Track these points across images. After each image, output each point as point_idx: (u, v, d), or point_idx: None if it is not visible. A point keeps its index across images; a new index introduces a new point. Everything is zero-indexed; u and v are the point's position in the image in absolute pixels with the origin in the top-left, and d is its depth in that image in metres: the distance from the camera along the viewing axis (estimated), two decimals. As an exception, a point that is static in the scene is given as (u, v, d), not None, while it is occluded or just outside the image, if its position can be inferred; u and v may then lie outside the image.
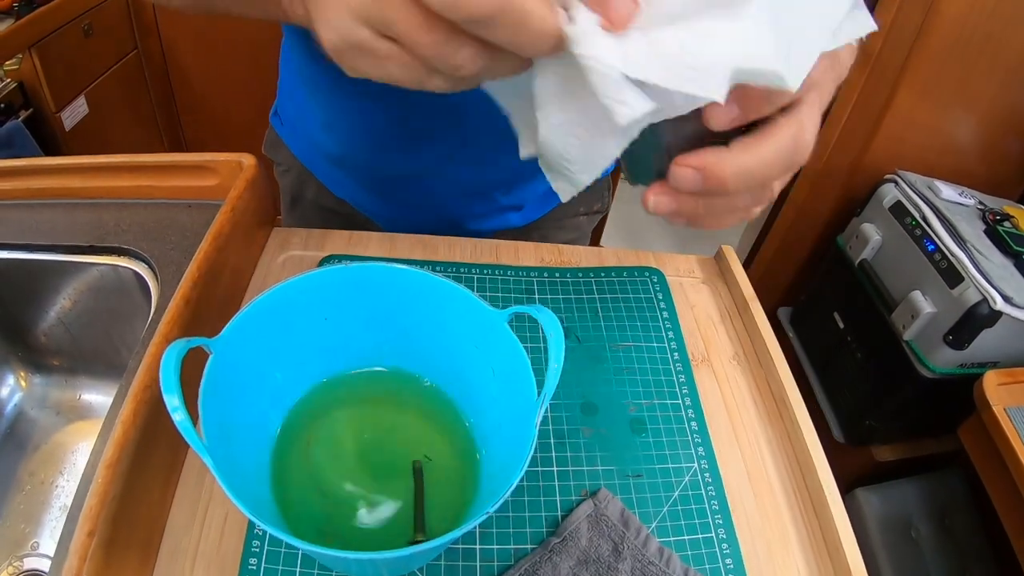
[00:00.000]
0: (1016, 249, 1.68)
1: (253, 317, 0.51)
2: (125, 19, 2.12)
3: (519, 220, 0.95)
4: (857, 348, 1.93)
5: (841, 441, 1.96)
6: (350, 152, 0.85)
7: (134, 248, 0.71)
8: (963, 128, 2.03)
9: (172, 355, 0.42)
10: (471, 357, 0.55)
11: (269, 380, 0.54)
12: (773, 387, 0.73)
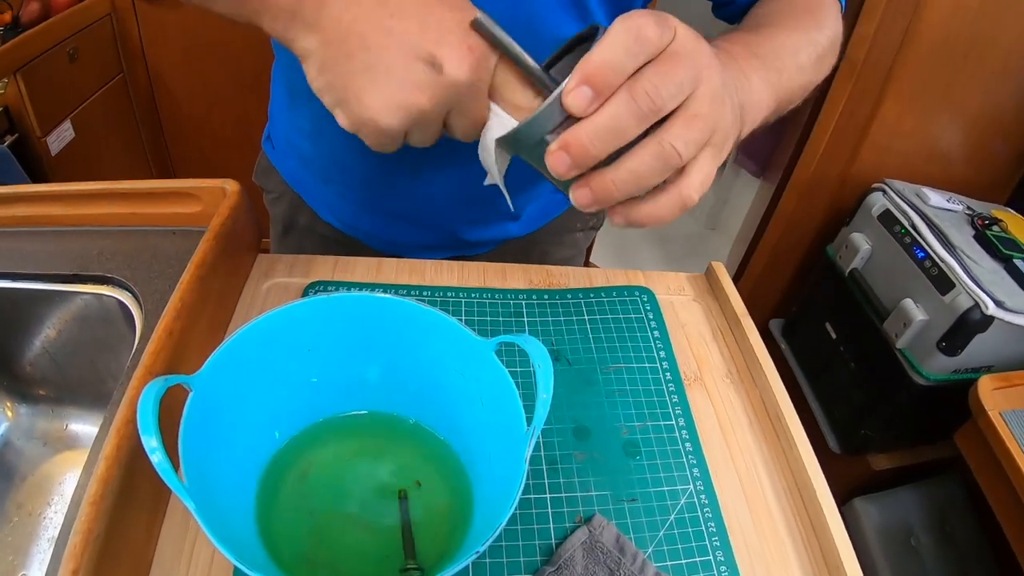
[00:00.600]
0: (1006, 253, 1.69)
1: (233, 352, 0.50)
2: (111, 43, 2.12)
3: (518, 230, 0.94)
4: (850, 358, 1.93)
5: (837, 451, 1.96)
6: (339, 162, 0.84)
7: (118, 277, 0.70)
8: (950, 134, 2.04)
9: (150, 395, 0.41)
10: (459, 387, 0.54)
11: (252, 416, 0.53)
12: (767, 404, 0.72)
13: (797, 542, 0.61)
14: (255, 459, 0.54)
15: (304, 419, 0.58)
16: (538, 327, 0.74)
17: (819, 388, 2.08)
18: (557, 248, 1.00)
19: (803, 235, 2.22)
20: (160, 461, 0.39)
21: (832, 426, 2.00)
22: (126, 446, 0.48)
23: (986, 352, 1.62)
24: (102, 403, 0.78)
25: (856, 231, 1.92)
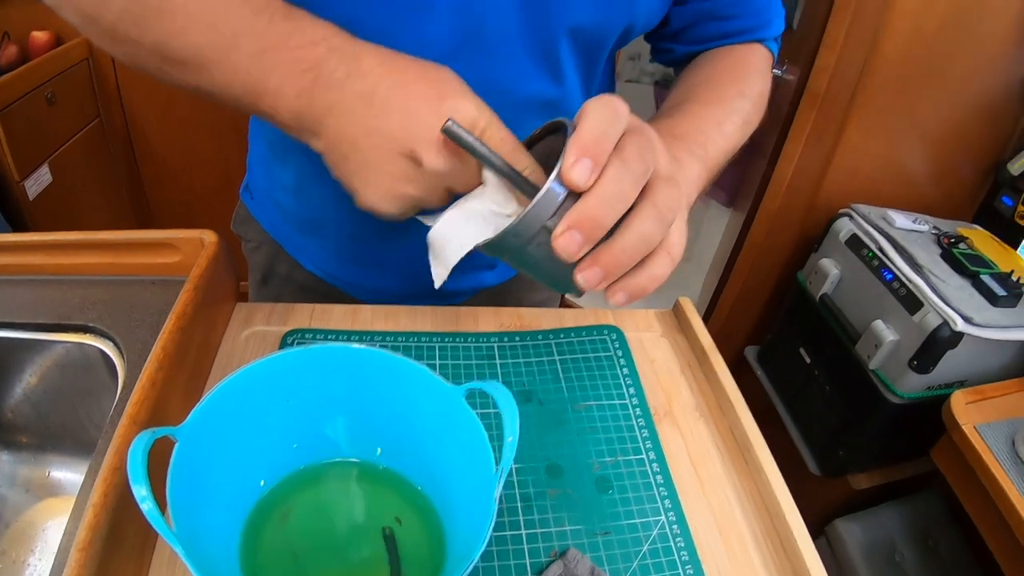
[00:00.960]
0: (973, 269, 1.72)
1: (215, 404, 0.52)
2: (88, 87, 2.13)
3: (493, 279, 0.96)
4: (825, 381, 1.95)
5: (817, 473, 1.97)
6: (320, 215, 0.86)
7: (99, 326, 0.72)
8: (914, 156, 2.08)
9: (139, 446, 0.43)
10: (432, 431, 0.56)
11: (235, 464, 0.55)
12: (737, 434, 0.74)
13: (769, 566, 0.63)
14: (239, 505, 0.56)
15: (285, 466, 0.59)
16: (510, 369, 0.76)
17: (796, 412, 2.10)
18: (531, 294, 1.03)
19: (774, 263, 2.25)
20: (150, 509, 0.41)
21: (811, 449, 2.01)
22: (113, 493, 0.49)
23: (959, 367, 1.64)
24: (84, 450, 0.79)
25: (825, 256, 1.96)
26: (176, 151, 2.32)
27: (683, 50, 0.87)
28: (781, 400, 2.16)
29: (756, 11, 0.84)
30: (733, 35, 0.84)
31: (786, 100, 2.02)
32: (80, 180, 2.13)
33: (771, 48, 0.88)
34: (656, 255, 0.52)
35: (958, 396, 1.51)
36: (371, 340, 0.77)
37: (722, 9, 0.82)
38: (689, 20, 0.84)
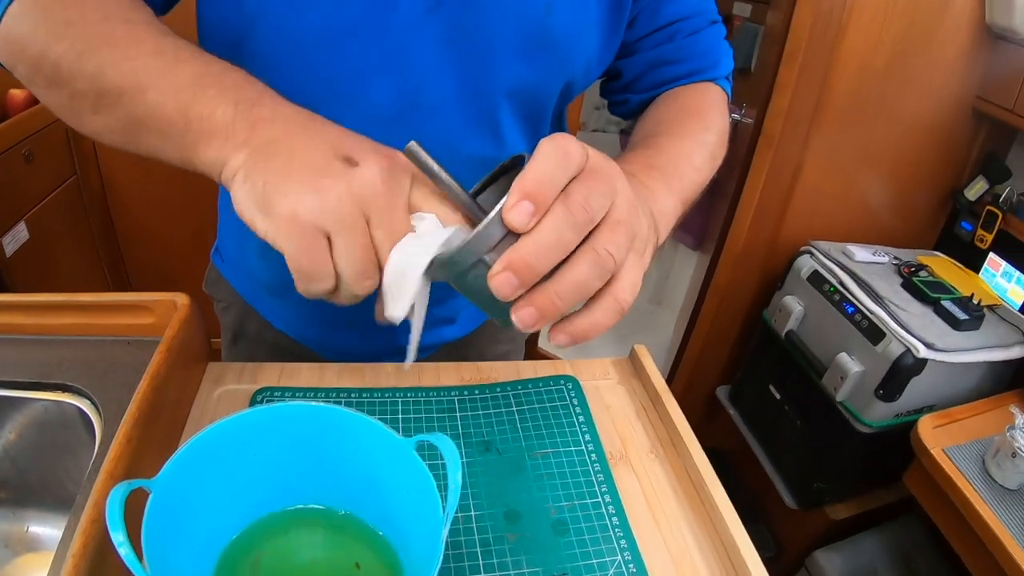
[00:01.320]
0: (933, 296, 1.77)
1: (187, 458, 0.55)
2: (65, 146, 2.15)
3: (453, 333, 0.99)
4: (795, 415, 1.99)
5: (794, 507, 2.00)
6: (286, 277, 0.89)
7: (76, 385, 0.74)
8: (872, 190, 2.13)
9: (116, 497, 0.46)
10: (388, 480, 0.59)
11: (206, 514, 0.58)
12: (691, 474, 0.77)
13: (724, 599, 0.65)
14: (210, 552, 0.58)
15: (252, 514, 0.62)
16: (469, 421, 0.79)
17: (769, 448, 2.13)
18: (493, 346, 1.06)
19: (740, 302, 2.29)
20: (127, 554, 0.44)
21: (786, 483, 2.04)
22: (92, 544, 0.52)
23: (925, 393, 1.68)
24: (62, 505, 0.81)
25: (788, 294, 2.01)
26: (151, 210, 2.35)
27: (638, 99, 0.91)
28: (754, 437, 2.19)
29: (703, 53, 0.88)
30: (684, 77, 0.88)
31: (745, 142, 2.07)
32: (57, 237, 2.15)
33: (723, 86, 0.92)
34: (601, 300, 0.53)
35: (925, 421, 1.55)
36: (336, 397, 0.80)
37: (671, 54, 0.87)
38: (640, 69, 0.88)
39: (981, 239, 2.04)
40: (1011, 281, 1.97)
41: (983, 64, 2.00)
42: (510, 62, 0.74)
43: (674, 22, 0.86)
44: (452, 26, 0.70)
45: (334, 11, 0.67)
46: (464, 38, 0.71)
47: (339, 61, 0.70)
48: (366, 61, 0.70)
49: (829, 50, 1.84)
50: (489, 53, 0.73)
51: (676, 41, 0.86)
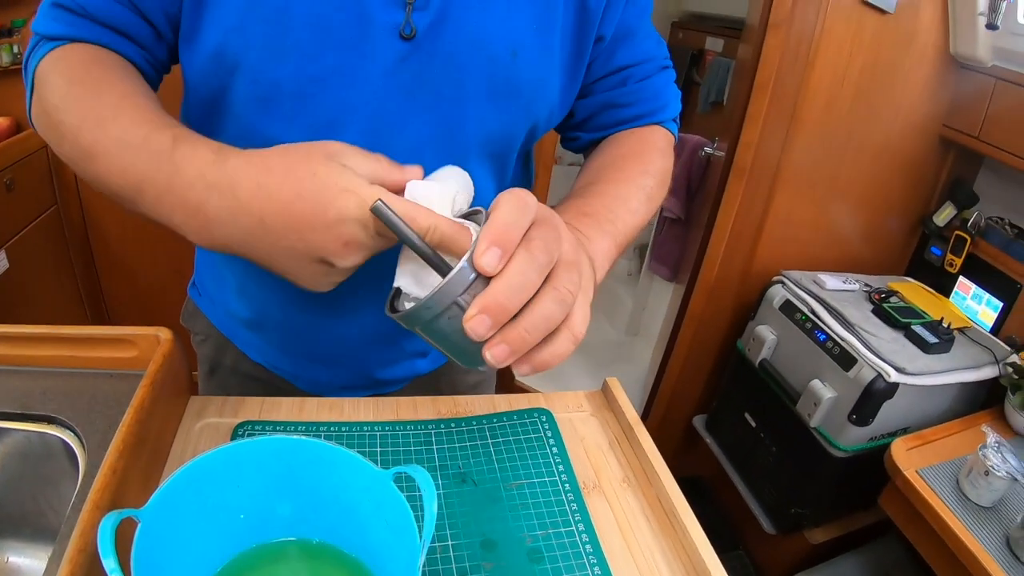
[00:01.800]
0: (903, 321, 1.81)
1: (174, 489, 0.57)
2: (46, 175, 2.15)
3: (426, 366, 1.01)
4: (771, 442, 2.01)
5: (772, 532, 2.02)
6: (263, 314, 0.91)
7: (60, 416, 0.75)
8: (843, 219, 2.18)
9: (107, 525, 0.48)
10: (366, 510, 0.61)
11: (191, 545, 0.59)
12: (663, 502, 0.79)
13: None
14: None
15: (236, 545, 0.64)
16: (446, 453, 0.81)
17: (746, 475, 2.15)
18: (465, 376, 1.08)
19: (714, 332, 2.32)
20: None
21: (764, 509, 2.06)
22: (80, 572, 0.53)
23: (898, 416, 1.71)
24: (43, 536, 0.81)
25: (761, 323, 2.04)
26: (131, 242, 2.35)
27: (588, 137, 0.96)
28: (731, 464, 2.21)
29: (652, 97, 0.93)
30: (633, 120, 0.93)
31: (717, 174, 2.11)
32: (36, 266, 2.14)
33: (670, 128, 0.96)
34: (559, 334, 0.56)
35: (899, 444, 1.58)
36: (316, 431, 0.82)
37: (622, 98, 0.91)
38: (592, 110, 0.92)
39: (951, 263, 2.09)
40: (981, 303, 2.02)
41: (949, 93, 2.07)
42: (478, 108, 0.77)
43: (627, 67, 0.90)
44: (422, 74, 0.74)
45: (307, 62, 0.70)
46: (434, 86, 0.75)
47: (313, 110, 0.73)
48: (340, 109, 0.73)
49: (798, 82, 1.89)
50: (458, 100, 0.76)
51: (628, 86, 0.91)
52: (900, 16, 1.89)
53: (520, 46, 0.76)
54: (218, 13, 0.69)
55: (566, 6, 0.79)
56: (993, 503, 1.46)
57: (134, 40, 0.73)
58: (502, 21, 0.74)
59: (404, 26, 0.71)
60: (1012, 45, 1.88)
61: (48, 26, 0.71)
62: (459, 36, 0.73)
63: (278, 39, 0.69)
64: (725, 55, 3.35)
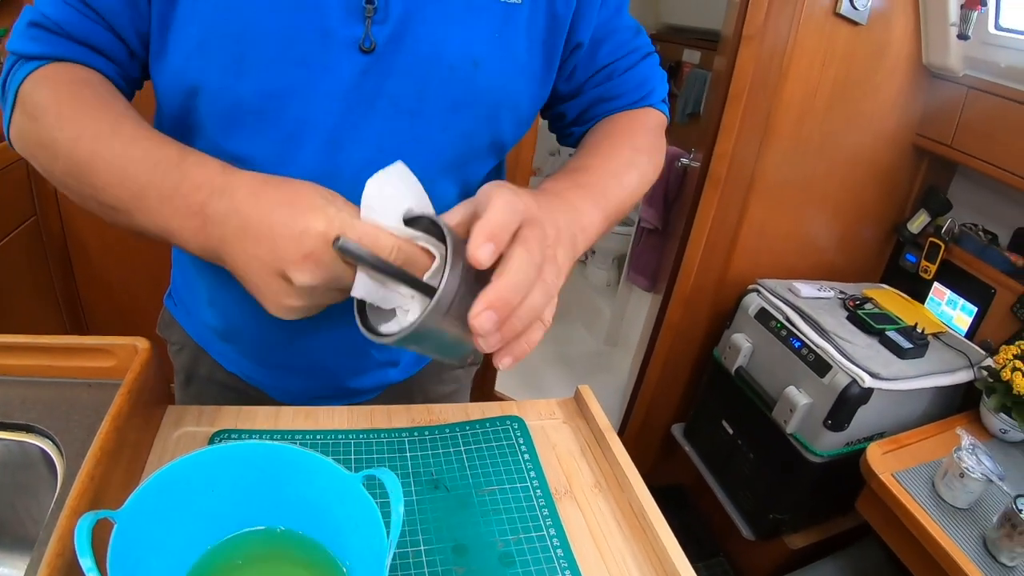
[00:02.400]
0: (878, 327, 1.83)
1: (150, 491, 0.58)
2: (26, 186, 2.13)
3: (398, 375, 1.02)
4: (748, 449, 2.03)
5: (752, 539, 2.03)
6: (233, 326, 0.92)
7: (39, 425, 0.76)
8: (817, 228, 2.20)
9: (84, 525, 0.50)
10: (338, 511, 0.63)
11: (166, 547, 0.61)
12: (634, 507, 0.81)
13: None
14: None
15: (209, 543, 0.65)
16: (419, 460, 0.83)
17: (725, 482, 2.17)
18: (438, 386, 1.08)
19: (691, 341, 2.34)
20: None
21: (743, 515, 2.08)
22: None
23: (873, 421, 1.73)
24: (21, 545, 0.82)
25: (737, 332, 2.06)
26: (110, 253, 2.33)
27: (582, 130, 0.97)
28: (710, 472, 2.23)
29: (639, 85, 0.95)
30: (623, 108, 0.95)
31: (693, 186, 2.13)
32: (15, 277, 2.12)
33: (661, 109, 0.98)
34: (533, 324, 0.60)
35: (874, 448, 1.60)
36: (292, 439, 0.83)
37: (610, 92, 0.93)
38: (582, 108, 0.95)
39: (925, 270, 2.13)
40: (956, 308, 2.05)
41: (921, 102, 2.10)
42: (440, 119, 0.79)
43: (610, 63, 0.92)
44: (383, 87, 0.75)
45: (267, 79, 0.72)
46: (395, 98, 0.76)
47: (275, 125, 0.74)
48: (301, 124, 0.75)
49: (771, 94, 1.92)
50: (419, 111, 0.77)
51: (614, 79, 0.93)
52: (872, 28, 1.93)
53: (482, 56, 0.77)
54: (182, 33, 0.71)
55: (532, 14, 0.80)
56: (969, 504, 1.48)
57: (109, 58, 0.75)
58: (463, 31, 0.75)
59: (364, 39, 0.72)
60: (983, 55, 1.92)
61: (26, 46, 0.73)
62: (419, 48, 0.74)
63: (238, 57, 0.70)
64: (702, 67, 3.38)
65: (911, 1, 1.95)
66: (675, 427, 2.43)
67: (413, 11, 0.73)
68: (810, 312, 1.89)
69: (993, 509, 1.48)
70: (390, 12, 0.72)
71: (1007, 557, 1.35)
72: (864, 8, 1.87)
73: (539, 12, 0.80)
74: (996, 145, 1.90)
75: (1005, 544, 1.35)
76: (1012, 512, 1.34)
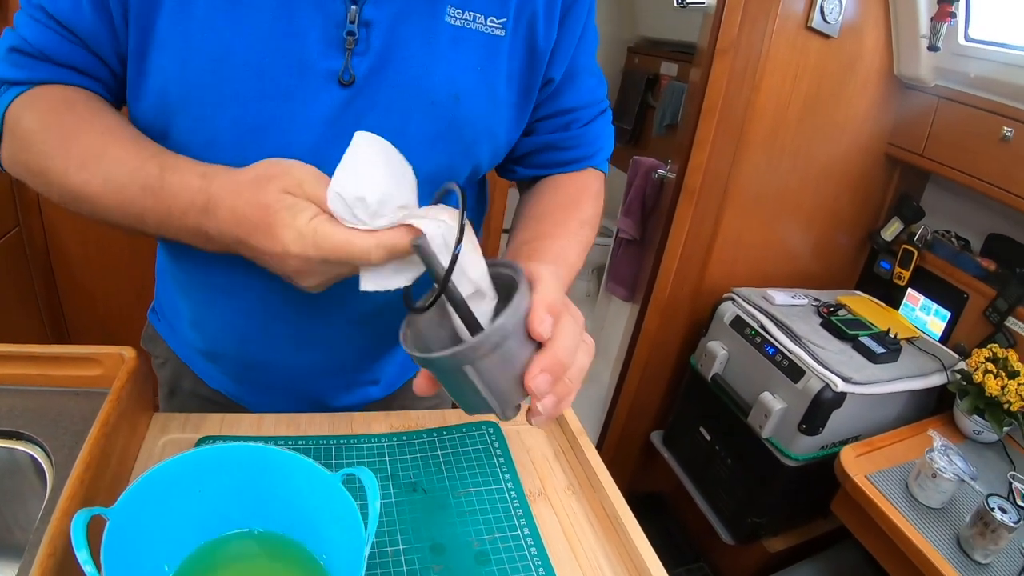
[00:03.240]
0: (851, 333, 1.87)
1: (142, 489, 0.61)
2: (8, 196, 2.11)
3: (379, 393, 1.04)
4: (726, 455, 2.06)
5: (731, 542, 2.06)
6: (216, 346, 0.93)
7: (28, 432, 0.77)
8: (792, 236, 2.24)
9: (80, 521, 0.52)
10: (319, 509, 0.65)
11: (156, 540, 0.63)
12: (607, 508, 0.83)
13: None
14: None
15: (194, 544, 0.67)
16: (398, 464, 0.85)
17: (703, 487, 2.20)
18: (419, 401, 1.08)
19: (669, 350, 2.37)
20: (91, 570, 0.50)
21: (721, 520, 2.10)
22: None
23: (847, 425, 1.77)
24: (8, 552, 0.83)
25: (713, 339, 2.09)
26: (93, 265, 2.33)
27: (525, 173, 0.99)
28: (689, 478, 2.25)
29: (591, 141, 0.96)
30: (571, 163, 0.97)
31: (669, 197, 2.16)
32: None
33: (602, 168, 1.01)
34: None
35: (847, 450, 1.63)
36: (275, 444, 0.84)
37: (562, 142, 0.94)
38: (533, 148, 0.95)
39: (899, 276, 2.17)
40: (930, 314, 2.09)
41: (893, 112, 2.15)
42: (420, 150, 0.77)
43: (572, 110, 0.93)
44: (362, 120, 0.75)
45: (245, 111, 0.72)
46: (374, 130, 0.74)
47: (254, 157, 0.72)
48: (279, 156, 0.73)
49: (744, 106, 1.96)
50: (399, 144, 0.75)
51: (571, 131, 0.94)
52: (844, 40, 1.97)
53: (463, 90, 0.77)
54: (159, 62, 0.71)
55: (513, 48, 0.80)
56: (942, 504, 1.51)
57: (93, 77, 0.76)
58: (445, 65, 0.76)
59: (343, 72, 0.72)
60: (953, 65, 1.97)
61: (8, 72, 0.73)
62: (400, 81, 0.74)
63: (216, 88, 0.71)
64: (679, 79, 3.42)
65: (882, 13, 1.99)
66: (654, 435, 2.46)
67: (395, 43, 0.73)
68: (784, 319, 1.92)
69: (966, 508, 1.51)
70: (371, 43, 0.72)
71: (981, 555, 1.38)
72: (835, 21, 1.91)
73: (519, 45, 0.81)
74: (967, 153, 1.94)
75: (979, 542, 1.38)
76: (984, 510, 1.37)
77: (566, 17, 0.84)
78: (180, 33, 0.69)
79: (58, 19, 0.71)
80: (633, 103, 3.89)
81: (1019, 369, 1.72)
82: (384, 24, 0.73)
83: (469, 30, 0.77)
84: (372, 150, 0.62)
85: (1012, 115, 1.81)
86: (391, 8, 0.73)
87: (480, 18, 0.77)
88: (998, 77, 1.85)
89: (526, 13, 0.80)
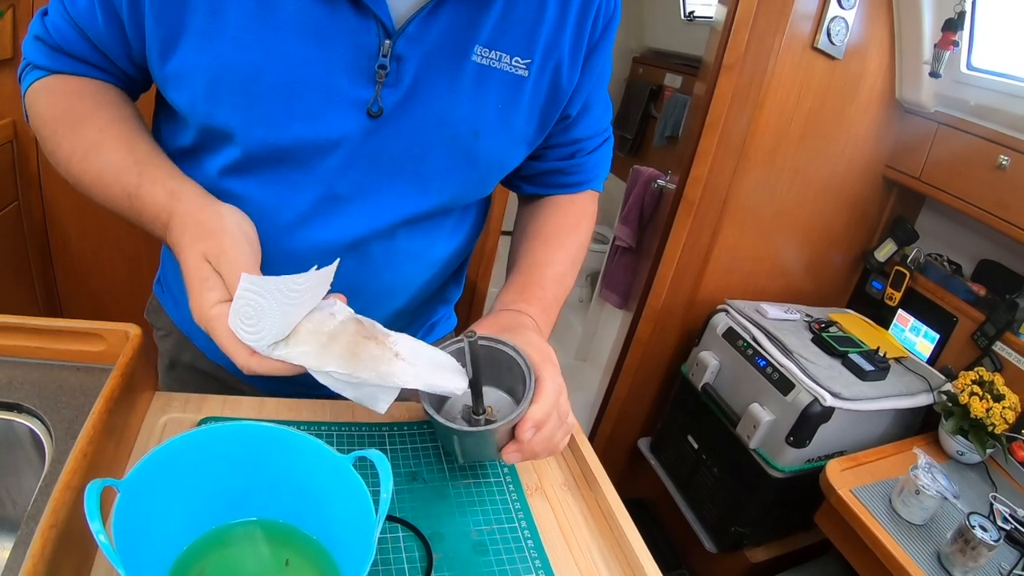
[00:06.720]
0: (841, 350, 1.89)
1: (151, 464, 0.61)
2: (9, 170, 2.10)
3: None
4: (712, 464, 2.08)
5: (714, 551, 2.08)
6: None
7: (28, 405, 0.77)
8: (787, 252, 2.26)
9: (93, 491, 0.52)
10: (327, 491, 0.66)
11: (164, 518, 0.63)
12: (601, 504, 0.85)
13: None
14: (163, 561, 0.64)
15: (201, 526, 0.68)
16: (399, 453, 0.87)
17: (689, 495, 2.21)
18: None
19: (660, 358, 2.39)
20: (104, 541, 0.50)
21: (706, 528, 2.12)
22: (50, 547, 0.56)
23: (834, 439, 1.79)
24: (3, 525, 0.82)
25: (705, 349, 2.11)
26: (90, 240, 2.33)
27: (528, 190, 1.05)
28: (675, 486, 2.27)
29: (593, 167, 1.03)
30: (572, 187, 1.03)
31: (668, 207, 2.18)
32: (-7, 261, 2.12)
33: (599, 189, 1.07)
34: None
35: (833, 464, 1.65)
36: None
37: (569, 168, 1.00)
38: (539, 171, 1.01)
39: (891, 297, 2.19)
40: (919, 335, 2.12)
41: (892, 135, 2.18)
42: (436, 179, 0.83)
43: (580, 140, 0.98)
44: (385, 149, 0.79)
45: (273, 132, 0.75)
46: (396, 159, 0.80)
47: (275, 176, 0.78)
48: (302, 176, 0.79)
49: (747, 121, 1.98)
50: (418, 172, 0.82)
51: (576, 159, 1.00)
52: (848, 62, 2.00)
53: (482, 127, 0.81)
54: (188, 77, 0.73)
55: (536, 89, 0.83)
56: (924, 521, 1.53)
57: (107, 71, 0.81)
58: (468, 102, 0.79)
59: (372, 103, 0.75)
60: (954, 92, 1.99)
61: (32, 55, 0.80)
62: (424, 115, 0.78)
63: (246, 107, 0.73)
64: (683, 91, 3.44)
65: (886, 38, 2.02)
66: (642, 441, 2.48)
67: (423, 78, 0.76)
68: (776, 333, 1.95)
69: (947, 525, 1.54)
70: (401, 77, 0.75)
71: (960, 571, 1.40)
72: (841, 43, 1.93)
73: (543, 84, 0.84)
74: (963, 179, 1.97)
75: (959, 559, 1.40)
76: (965, 528, 1.39)
77: (589, 59, 0.87)
78: (211, 53, 0.71)
79: (76, 20, 0.76)
80: (635, 113, 3.92)
81: (1005, 393, 1.75)
82: (416, 60, 0.76)
83: (494, 69, 0.79)
84: (252, 293, 0.66)
85: (1009, 144, 1.84)
86: (424, 46, 0.75)
87: (506, 58, 0.80)
88: (997, 106, 1.88)
89: (553, 58, 0.83)
